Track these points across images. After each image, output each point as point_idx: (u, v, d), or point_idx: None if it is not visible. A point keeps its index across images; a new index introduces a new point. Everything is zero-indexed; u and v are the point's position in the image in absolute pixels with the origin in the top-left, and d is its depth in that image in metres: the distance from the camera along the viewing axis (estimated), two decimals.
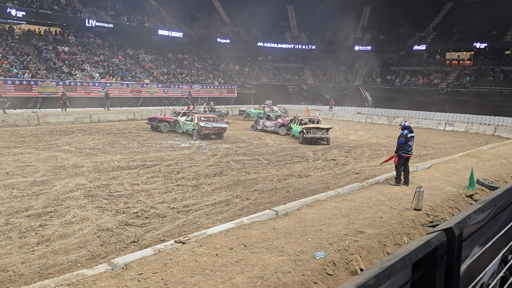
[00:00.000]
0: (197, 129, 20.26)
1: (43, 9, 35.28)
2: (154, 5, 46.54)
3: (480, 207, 1.23)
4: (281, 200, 10.28)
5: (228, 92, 42.03)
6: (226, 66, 47.54)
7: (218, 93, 40.91)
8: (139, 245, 7.17)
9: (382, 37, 49.02)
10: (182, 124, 21.97)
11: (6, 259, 6.49)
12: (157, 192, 10.66)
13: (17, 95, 27.52)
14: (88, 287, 4.97)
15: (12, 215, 8.55)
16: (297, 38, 52.78)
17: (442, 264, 1.07)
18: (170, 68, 40.70)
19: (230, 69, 47.45)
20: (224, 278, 5.27)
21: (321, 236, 6.87)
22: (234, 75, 46.14)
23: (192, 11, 48.73)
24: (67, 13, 36.79)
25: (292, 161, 15.79)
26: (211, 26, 49.29)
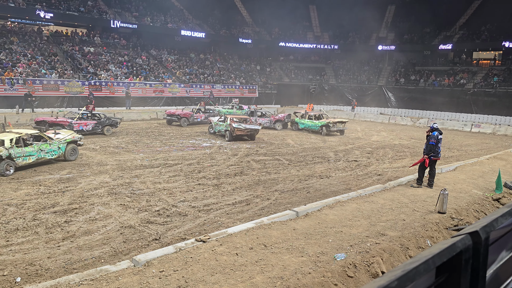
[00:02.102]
0: (229, 130, 20.14)
1: (70, 11, 36.10)
2: (177, 6, 47.02)
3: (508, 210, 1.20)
4: (301, 200, 10.24)
5: (250, 92, 42.10)
6: (247, 66, 47.63)
7: (239, 93, 41.02)
8: (160, 242, 7.27)
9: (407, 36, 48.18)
10: (214, 124, 22.00)
11: (34, 254, 6.68)
12: (179, 191, 10.78)
13: (45, 94, 28.26)
14: (111, 282, 5.07)
15: (39, 211, 8.79)
16: (319, 38, 52.44)
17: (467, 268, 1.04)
18: (192, 68, 41.05)
19: (251, 69, 47.52)
20: (244, 278, 5.28)
21: (341, 238, 6.81)
22: (255, 75, 46.18)
23: (215, 11, 49.02)
24: (93, 14, 37.55)
25: (313, 161, 15.70)
26: (233, 27, 49.46)
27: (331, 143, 20.81)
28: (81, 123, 19.75)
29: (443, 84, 41.18)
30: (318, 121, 24.53)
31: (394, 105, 42.85)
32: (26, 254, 6.65)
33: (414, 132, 27.61)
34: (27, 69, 28.99)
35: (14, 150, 12.19)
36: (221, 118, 21.88)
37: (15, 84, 26.88)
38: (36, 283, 5.41)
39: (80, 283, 5.02)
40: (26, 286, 5.24)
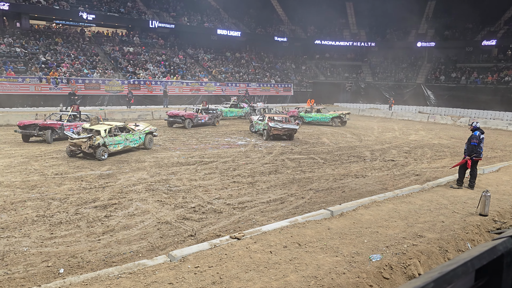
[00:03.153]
0: (267, 129, 20.19)
1: (111, 12, 37.27)
2: (213, 5, 47.55)
3: None
4: (336, 200, 10.13)
5: (285, 91, 42.01)
6: (282, 65, 47.53)
7: (274, 92, 41.03)
8: (196, 239, 7.39)
9: (447, 32, 46.56)
10: (254, 123, 22.15)
11: (76, 246, 6.96)
12: (214, 188, 10.92)
13: (87, 93, 29.37)
14: (148, 276, 5.21)
15: (81, 205, 9.15)
16: (355, 35, 51.59)
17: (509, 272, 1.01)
18: (228, 67, 41.42)
19: (286, 68, 47.38)
20: (278, 276, 5.30)
21: (377, 239, 6.70)
22: (290, 74, 46.02)
23: (250, 10, 49.21)
24: (132, 15, 38.60)
25: (349, 160, 15.49)
26: (268, 25, 49.48)
27: (367, 142, 20.46)
28: (71, 125, 17.59)
29: (486, 81, 39.55)
30: (328, 114, 28.09)
31: (434, 104, 41.58)
32: (68, 247, 6.94)
33: (455, 131, 26.68)
34: (70, 69, 30.19)
35: (107, 139, 14.43)
36: (260, 117, 21.99)
37: (59, 83, 28.07)
38: (78, 275, 5.63)
39: (119, 276, 5.19)
40: (69, 277, 5.47)
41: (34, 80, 27.24)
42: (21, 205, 9.05)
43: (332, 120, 27.42)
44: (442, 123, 32.19)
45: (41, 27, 36.57)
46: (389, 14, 45.86)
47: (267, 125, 20.13)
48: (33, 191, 10.15)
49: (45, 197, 9.66)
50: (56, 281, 5.12)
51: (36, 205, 9.04)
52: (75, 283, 4.97)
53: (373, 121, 32.10)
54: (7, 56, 28.72)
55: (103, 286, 4.91)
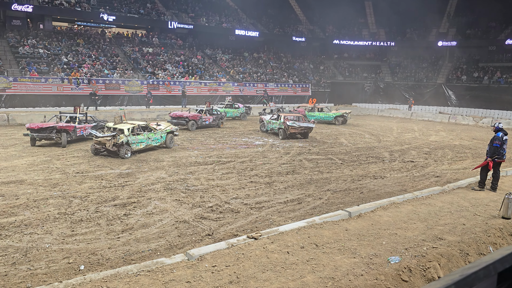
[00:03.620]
0: (283, 128, 20.34)
1: (131, 13, 37.78)
2: (232, 5, 47.72)
3: None
4: (354, 201, 10.05)
5: (303, 91, 41.86)
6: (300, 65, 47.37)
7: (292, 92, 40.94)
8: (213, 238, 7.44)
9: (469, 31, 45.63)
10: (266, 123, 22.26)
11: (96, 244, 7.08)
12: (231, 188, 10.96)
13: (107, 93, 29.84)
14: (166, 275, 5.27)
15: (101, 203, 9.30)
16: (374, 35, 51.04)
17: None
18: (245, 67, 41.50)
19: (304, 68, 47.20)
20: (295, 276, 5.28)
21: (396, 240, 6.62)
22: (308, 74, 45.83)
23: (268, 10, 49.20)
24: (151, 16, 39.04)
25: (367, 161, 15.34)
26: (286, 25, 49.38)
27: (386, 142, 20.22)
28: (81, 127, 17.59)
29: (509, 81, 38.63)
30: (332, 113, 28.75)
31: (455, 104, 40.81)
32: (89, 244, 7.07)
33: (477, 132, 26.14)
34: (91, 69, 30.72)
35: (130, 138, 14.79)
36: (274, 116, 22.03)
37: (80, 83, 28.59)
38: (97, 272, 5.73)
39: (138, 273, 5.26)
40: (89, 274, 5.57)
41: (56, 81, 27.82)
42: (44, 202, 9.26)
43: (336, 119, 28.28)
44: (463, 124, 31.58)
45: (63, 29, 37.35)
46: (409, 13, 45.19)
47: (283, 124, 20.20)
48: (55, 189, 10.37)
49: (67, 195, 9.86)
50: (77, 278, 5.22)
51: (57, 203, 9.23)
52: (95, 280, 5.06)
53: (392, 122, 31.72)
54: (30, 57, 29.41)
55: (122, 284, 4.99)
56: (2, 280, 5.71)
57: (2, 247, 6.81)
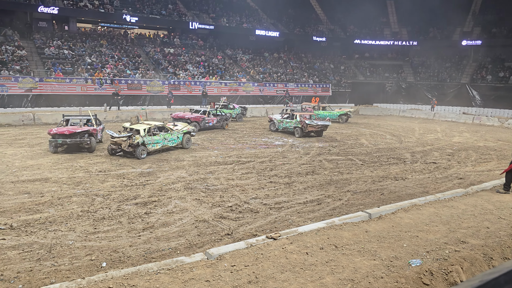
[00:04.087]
0: (300, 126, 20.72)
1: (153, 14, 38.27)
2: (252, 6, 47.79)
3: None
4: (374, 202, 9.95)
5: (323, 91, 41.61)
6: (321, 65, 47.09)
7: (312, 92, 40.71)
8: (232, 238, 7.48)
9: (495, 30, 44.46)
10: (278, 122, 22.37)
11: (117, 241, 7.21)
12: (251, 188, 10.99)
13: (129, 93, 30.31)
14: (185, 273, 5.32)
15: (122, 202, 9.47)
16: (397, 34, 50.30)
17: None
18: (266, 67, 41.50)
19: (325, 68, 46.90)
20: (314, 278, 5.27)
21: (417, 243, 6.52)
22: (329, 74, 45.52)
23: (289, 10, 49.07)
24: (173, 17, 39.46)
25: (388, 162, 15.15)
26: (307, 25, 49.16)
27: (408, 143, 19.92)
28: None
29: None
30: (336, 111, 29.68)
31: (479, 104, 39.84)
32: (111, 242, 7.20)
33: (502, 133, 25.47)
34: (114, 69, 31.26)
35: (146, 138, 14.72)
36: (285, 115, 22.41)
37: (103, 83, 29.12)
38: (119, 269, 5.84)
39: (158, 271, 5.34)
40: (110, 271, 5.68)
41: (80, 81, 28.42)
42: (67, 200, 9.48)
43: (340, 117, 29.44)
44: (488, 125, 30.82)
45: (87, 30, 38.09)
46: (432, 12, 44.36)
47: (301, 122, 20.58)
48: (78, 187, 10.61)
49: (89, 193, 10.07)
50: (99, 274, 5.33)
51: (81, 201, 9.44)
52: (116, 277, 5.15)
53: (414, 122, 31.21)
54: (56, 58, 30.11)
55: (143, 281, 5.07)
56: (28, 275, 5.88)
57: (28, 243, 7.01)
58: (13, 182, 10.90)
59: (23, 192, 10.02)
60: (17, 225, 7.80)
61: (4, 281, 5.68)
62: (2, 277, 5.77)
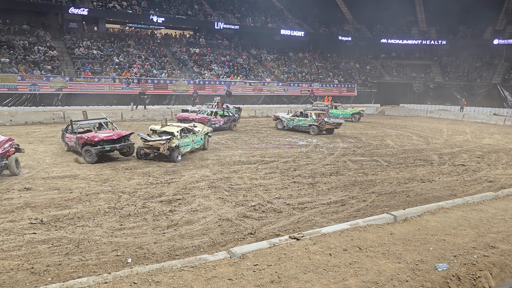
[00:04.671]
0: (317, 124, 21.47)
1: (179, 15, 38.75)
2: (277, 5, 47.72)
3: None
4: (400, 204, 9.78)
5: (348, 91, 41.19)
6: (346, 64, 46.60)
7: (337, 92, 40.36)
8: (255, 237, 7.50)
9: None
10: (288, 120, 22.90)
11: (142, 238, 7.34)
12: (274, 188, 10.98)
13: (155, 92, 30.81)
14: (208, 271, 5.37)
15: (148, 199, 9.63)
16: (425, 33, 49.24)
17: None
18: (290, 67, 41.39)
19: (350, 67, 46.39)
20: (337, 279, 5.22)
21: (444, 247, 6.37)
22: (354, 73, 45.00)
23: (314, 9, 48.76)
24: (199, 17, 39.85)
25: (415, 164, 14.86)
26: (332, 24, 48.75)
27: (435, 145, 19.48)
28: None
29: None
30: (348, 110, 30.14)
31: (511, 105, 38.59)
32: (136, 238, 7.34)
33: None
34: (141, 69, 31.81)
35: (180, 141, 14.20)
36: (296, 114, 23.01)
37: (130, 83, 29.69)
38: (144, 265, 5.95)
39: (182, 268, 5.40)
40: (136, 267, 5.79)
41: (108, 80, 29.06)
42: (95, 197, 9.71)
43: (353, 116, 29.99)
44: None
45: (115, 31, 38.89)
46: (462, 10, 43.17)
47: (318, 120, 21.59)
48: (105, 184, 10.85)
49: (116, 190, 10.28)
50: (124, 270, 5.44)
51: (107, 198, 9.65)
52: (141, 273, 5.25)
53: (442, 123, 30.49)
54: (85, 58, 30.88)
55: (167, 278, 5.14)
56: (57, 269, 6.06)
57: (57, 237, 7.22)
58: (43, 179, 11.25)
59: (53, 188, 10.32)
60: (47, 220, 8.05)
61: (35, 274, 5.87)
62: (33, 270, 5.97)
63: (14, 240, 7.05)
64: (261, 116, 30.65)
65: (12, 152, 11.75)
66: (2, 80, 25.31)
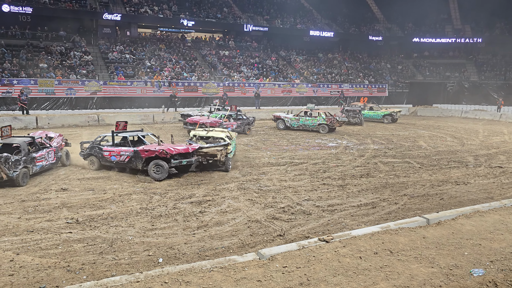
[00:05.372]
0: (327, 123, 22.47)
1: (209, 18, 39.25)
2: (306, 6, 47.53)
3: None
4: (433, 207, 9.53)
5: (379, 91, 40.50)
6: (377, 64, 45.84)
7: (368, 93, 39.77)
8: (284, 239, 7.48)
9: None
10: (291, 120, 23.39)
11: (173, 239, 7.47)
12: (303, 190, 10.93)
13: (185, 95, 31.31)
14: (237, 272, 5.40)
15: (178, 200, 9.78)
16: (459, 31, 47.80)
17: None
18: (320, 68, 41.09)
19: (381, 67, 45.60)
20: (367, 283, 5.15)
21: (480, 252, 6.17)
22: (385, 74, 44.21)
23: (344, 10, 48.26)
24: (228, 20, 40.21)
25: (449, 166, 14.44)
26: (362, 24, 48.10)
27: (470, 146, 18.86)
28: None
29: None
30: (380, 111, 29.65)
31: None
32: (167, 238, 7.47)
33: None
34: (172, 72, 32.38)
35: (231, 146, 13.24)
36: (301, 113, 23.73)
37: (161, 86, 30.28)
38: (174, 265, 6.05)
39: (211, 269, 5.46)
40: (166, 266, 5.89)
41: (140, 84, 29.75)
42: (127, 197, 9.95)
43: (384, 118, 29.29)
44: None
45: (147, 35, 39.76)
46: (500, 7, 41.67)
47: (328, 119, 22.58)
48: (138, 185, 11.10)
49: (148, 191, 10.50)
50: (156, 269, 5.55)
51: (139, 198, 9.87)
52: (172, 272, 5.34)
53: (478, 124, 29.50)
54: (118, 62, 31.73)
55: (197, 278, 5.21)
56: (91, 267, 6.24)
57: (92, 237, 7.44)
58: (79, 179, 11.63)
59: (88, 189, 10.65)
60: (83, 219, 8.31)
61: (71, 272, 6.07)
62: (69, 268, 6.18)
63: (51, 239, 7.32)
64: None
65: (64, 145, 13.81)
66: (41, 85, 26.36)
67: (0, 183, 10.51)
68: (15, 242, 7.11)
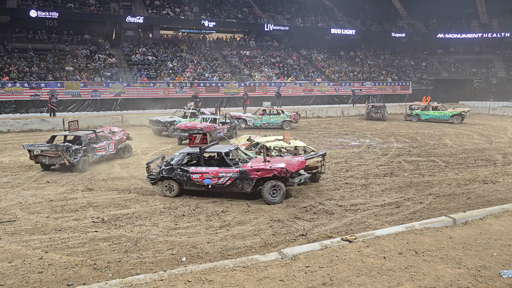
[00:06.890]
0: (291, 120, 23.51)
1: (229, 18, 39.45)
2: (327, 4, 47.19)
3: None
4: (460, 207, 9.31)
5: (402, 89, 39.84)
6: (400, 62, 45.11)
7: (391, 90, 39.20)
8: (307, 238, 7.45)
9: None
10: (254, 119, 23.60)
11: (196, 238, 7.53)
12: (326, 189, 10.85)
13: (207, 95, 31.56)
14: (260, 271, 5.41)
15: (201, 200, 9.85)
16: (486, 26, 46.56)
17: None
18: (341, 66, 40.73)
19: (405, 65, 44.84)
20: (392, 283, 5.07)
21: (509, 252, 5.99)
22: (409, 71, 43.45)
23: (366, 7, 47.70)
24: (248, 20, 40.31)
25: (476, 164, 14.07)
26: (385, 21, 47.42)
27: (499, 144, 18.34)
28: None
29: None
30: (448, 111, 27.30)
31: None
32: (190, 238, 7.54)
33: None
34: (193, 73, 32.70)
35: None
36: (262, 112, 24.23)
37: (184, 87, 30.61)
38: (197, 264, 6.10)
39: (234, 268, 5.49)
40: (190, 265, 5.95)
41: (163, 85, 30.15)
42: (151, 197, 10.09)
43: (453, 118, 26.80)
44: None
45: (169, 37, 40.26)
46: None
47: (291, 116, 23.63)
48: None
49: None
50: (179, 268, 5.61)
51: (163, 198, 9.99)
52: (195, 271, 5.39)
53: (507, 121, 28.63)
54: (141, 64, 32.24)
55: (220, 277, 5.24)
56: (116, 265, 6.36)
57: (117, 236, 7.58)
58: (104, 180, 11.86)
59: (113, 189, 10.85)
60: (108, 219, 8.48)
61: (97, 270, 6.20)
62: (95, 266, 6.31)
63: (78, 237, 7.49)
64: (312, 116, 30.37)
65: (125, 139, 15.44)
66: (67, 88, 27.06)
67: (65, 167, 12.55)
68: (44, 241, 7.31)
